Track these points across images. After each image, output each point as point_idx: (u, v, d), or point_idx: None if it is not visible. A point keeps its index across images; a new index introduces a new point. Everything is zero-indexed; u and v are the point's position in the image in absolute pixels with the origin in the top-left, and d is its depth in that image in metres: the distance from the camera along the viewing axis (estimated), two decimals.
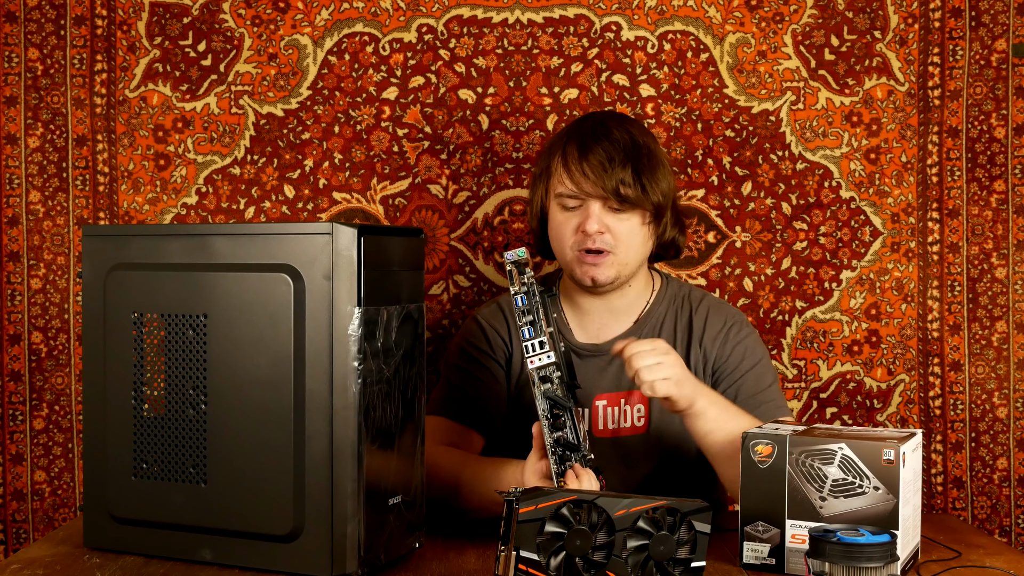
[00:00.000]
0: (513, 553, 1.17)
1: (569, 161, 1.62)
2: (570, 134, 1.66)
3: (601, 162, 1.59)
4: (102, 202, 2.03)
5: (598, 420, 1.70)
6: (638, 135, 1.65)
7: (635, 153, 1.61)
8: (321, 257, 1.25)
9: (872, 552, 1.16)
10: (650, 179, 1.61)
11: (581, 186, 1.61)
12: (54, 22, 2.01)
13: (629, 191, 1.59)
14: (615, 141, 1.61)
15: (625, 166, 1.59)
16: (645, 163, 1.61)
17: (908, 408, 2.03)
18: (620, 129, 1.64)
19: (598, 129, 1.65)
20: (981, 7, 2.00)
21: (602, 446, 1.68)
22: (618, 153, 1.60)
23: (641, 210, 1.62)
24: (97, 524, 1.40)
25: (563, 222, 1.65)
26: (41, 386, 2.03)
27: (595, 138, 1.62)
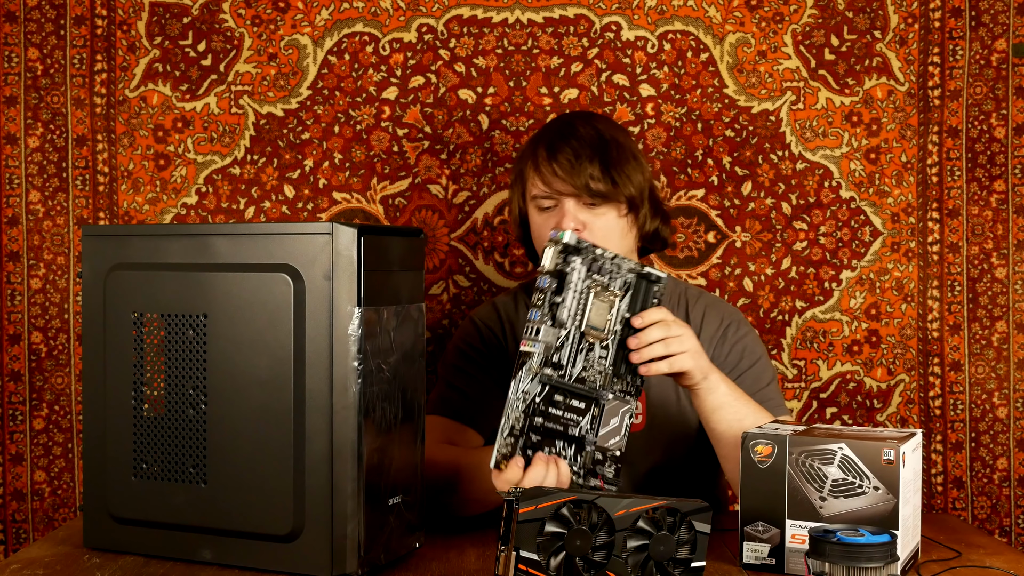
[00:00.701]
0: (513, 553, 1.17)
1: (539, 163, 1.64)
2: (539, 137, 1.69)
3: (569, 160, 1.61)
4: (102, 202, 2.03)
5: None
6: (604, 130, 1.67)
7: (602, 147, 1.63)
8: (321, 257, 1.25)
9: (872, 552, 1.16)
10: (619, 172, 1.62)
11: (553, 185, 1.62)
12: (54, 22, 2.01)
13: (600, 185, 1.60)
14: (581, 138, 1.63)
15: (593, 161, 1.61)
16: (613, 156, 1.63)
17: (908, 408, 2.03)
18: (586, 126, 1.66)
19: (564, 128, 1.67)
20: (981, 7, 2.00)
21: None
22: (584, 149, 1.62)
23: (615, 203, 1.63)
24: (97, 524, 1.40)
25: (542, 224, 1.66)
26: (41, 386, 2.03)
27: (562, 137, 1.64)
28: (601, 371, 1.38)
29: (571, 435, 1.38)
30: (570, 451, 1.38)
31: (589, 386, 1.38)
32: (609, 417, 1.39)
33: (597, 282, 1.38)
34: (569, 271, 1.36)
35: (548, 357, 1.36)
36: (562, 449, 1.37)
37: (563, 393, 1.37)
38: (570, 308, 1.37)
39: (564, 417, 1.37)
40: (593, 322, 1.37)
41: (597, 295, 1.38)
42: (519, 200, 1.72)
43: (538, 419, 1.36)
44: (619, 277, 1.39)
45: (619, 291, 1.39)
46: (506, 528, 1.18)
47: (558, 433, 1.37)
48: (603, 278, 1.38)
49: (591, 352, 1.38)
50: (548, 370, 1.36)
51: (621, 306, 1.39)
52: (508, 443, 1.35)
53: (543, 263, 1.36)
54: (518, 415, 1.35)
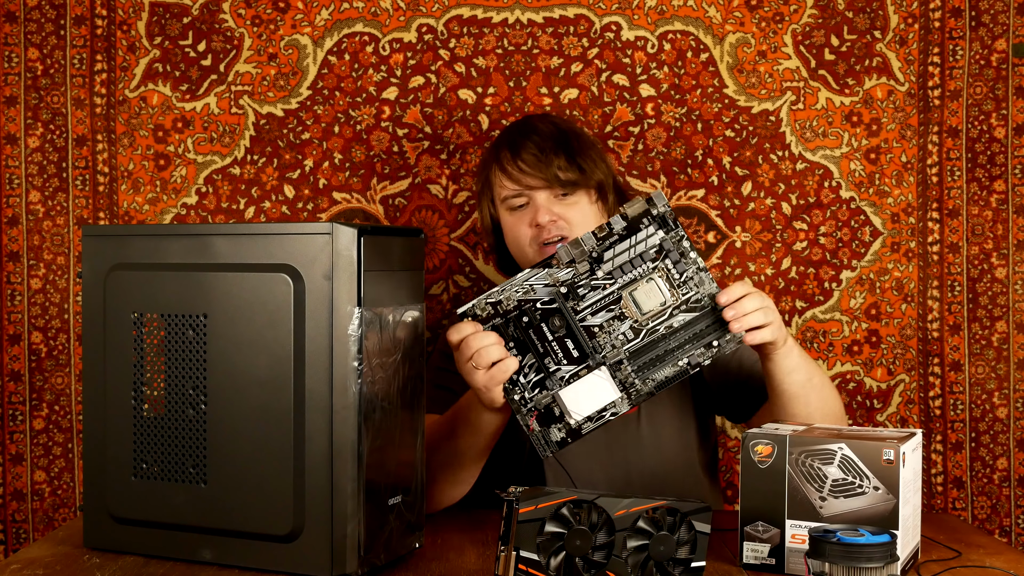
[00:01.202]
0: (513, 553, 1.17)
1: (505, 164, 1.67)
2: (498, 142, 1.72)
3: (534, 154, 1.64)
4: (102, 202, 2.03)
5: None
6: (562, 124, 1.72)
7: (564, 139, 1.67)
8: (321, 257, 1.25)
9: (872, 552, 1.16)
10: (585, 159, 1.65)
11: (522, 182, 1.65)
12: (54, 22, 2.01)
13: (569, 174, 1.63)
14: (542, 133, 1.67)
15: (558, 152, 1.64)
16: (576, 146, 1.67)
17: (908, 408, 2.03)
18: (544, 122, 1.71)
19: (523, 128, 1.71)
20: (981, 7, 2.00)
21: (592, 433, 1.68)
22: (548, 142, 1.66)
23: (586, 190, 1.67)
24: (97, 524, 1.40)
25: (515, 223, 1.69)
26: (41, 386, 2.03)
27: (523, 135, 1.68)
28: (614, 346, 1.34)
29: (545, 365, 1.34)
30: (533, 377, 1.34)
31: (594, 345, 1.34)
32: (587, 387, 1.35)
33: (667, 269, 1.34)
34: (642, 229, 1.33)
35: (573, 283, 1.32)
36: (527, 367, 1.33)
37: (566, 324, 1.33)
38: (617, 258, 1.33)
39: (551, 344, 1.34)
40: (638, 298, 1.34)
41: (659, 279, 1.34)
42: (489, 207, 1.74)
43: (526, 319, 1.32)
44: (693, 290, 1.35)
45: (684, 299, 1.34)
46: (506, 528, 1.18)
47: (536, 351, 1.33)
48: (676, 273, 1.34)
49: (618, 321, 1.34)
50: (566, 292, 1.32)
51: (676, 319, 1.34)
52: (487, 307, 1.32)
53: (628, 209, 1.34)
54: (512, 295, 1.32)
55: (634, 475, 1.67)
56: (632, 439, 1.69)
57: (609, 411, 1.35)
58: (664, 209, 1.34)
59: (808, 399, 1.51)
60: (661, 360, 1.35)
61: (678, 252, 1.34)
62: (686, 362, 1.35)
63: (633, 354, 1.34)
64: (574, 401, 1.34)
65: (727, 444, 2.05)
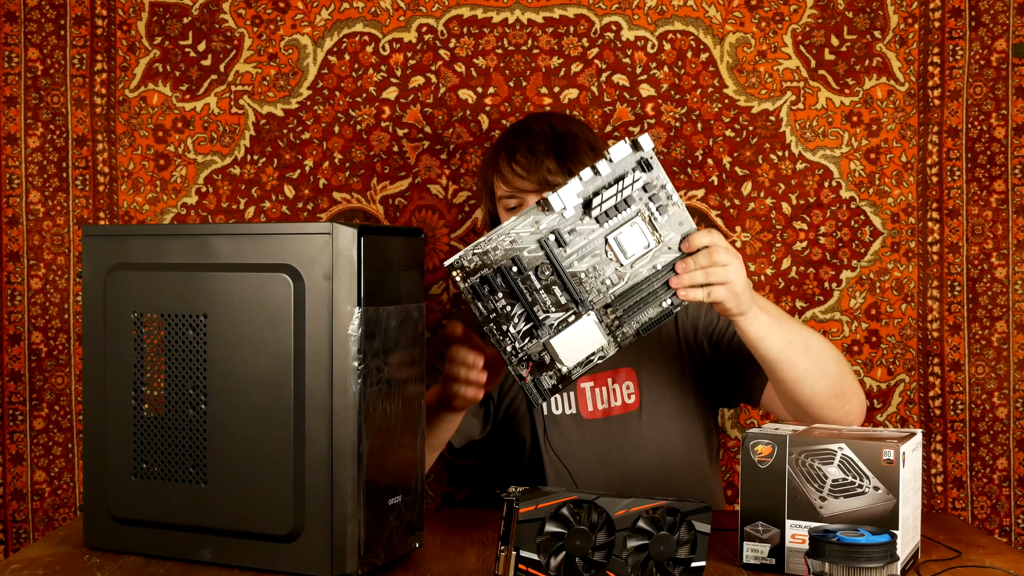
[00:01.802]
0: (513, 553, 1.17)
1: (500, 165, 1.67)
2: (498, 143, 1.72)
3: (525, 156, 1.64)
4: (102, 202, 2.03)
5: (586, 402, 1.71)
6: (559, 124, 1.70)
7: (556, 142, 1.66)
8: (321, 257, 1.25)
9: (872, 552, 1.16)
10: (576, 163, 1.64)
11: (514, 184, 1.65)
12: (54, 22, 2.01)
13: (558, 178, 1.62)
14: (535, 135, 1.67)
15: (548, 155, 1.64)
16: (569, 150, 1.65)
17: (908, 408, 2.03)
18: (540, 123, 1.70)
19: (520, 129, 1.71)
20: (981, 7, 2.00)
21: (594, 428, 1.68)
22: (540, 144, 1.65)
23: None
24: (97, 524, 1.40)
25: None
26: (41, 386, 2.03)
27: (518, 137, 1.68)
28: (600, 291, 1.34)
29: (534, 313, 1.33)
30: (523, 326, 1.33)
31: (581, 291, 1.33)
32: (577, 333, 1.34)
33: (650, 213, 1.34)
34: (627, 176, 1.32)
35: (559, 229, 1.31)
36: (516, 315, 1.32)
37: (554, 272, 1.32)
38: (604, 207, 1.32)
39: (539, 292, 1.33)
40: (622, 242, 1.34)
41: (640, 224, 1.34)
42: (488, 205, 1.75)
43: (515, 268, 1.31)
44: (675, 230, 1.35)
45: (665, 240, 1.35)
46: (506, 528, 1.18)
47: (524, 299, 1.32)
48: (658, 214, 1.34)
49: (603, 266, 1.34)
50: (552, 239, 1.32)
51: (659, 258, 1.35)
52: (473, 260, 1.31)
53: (612, 153, 1.32)
54: (499, 245, 1.31)
55: (636, 474, 1.68)
56: (634, 437, 1.69)
57: (597, 355, 1.35)
58: (649, 152, 1.33)
59: (793, 363, 1.48)
60: (645, 302, 1.35)
61: (661, 193, 1.34)
62: (669, 303, 1.36)
63: (618, 298, 1.34)
64: (565, 348, 1.33)
65: (727, 444, 2.05)
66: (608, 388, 1.71)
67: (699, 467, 1.73)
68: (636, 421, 1.69)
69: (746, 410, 2.05)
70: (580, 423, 1.70)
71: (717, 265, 1.35)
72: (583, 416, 1.70)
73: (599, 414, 1.70)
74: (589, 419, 1.70)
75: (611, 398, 1.71)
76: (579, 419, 1.70)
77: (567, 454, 1.67)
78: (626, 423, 1.69)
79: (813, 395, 1.51)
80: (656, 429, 1.70)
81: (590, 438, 1.69)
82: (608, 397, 1.71)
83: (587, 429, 1.70)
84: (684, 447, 1.71)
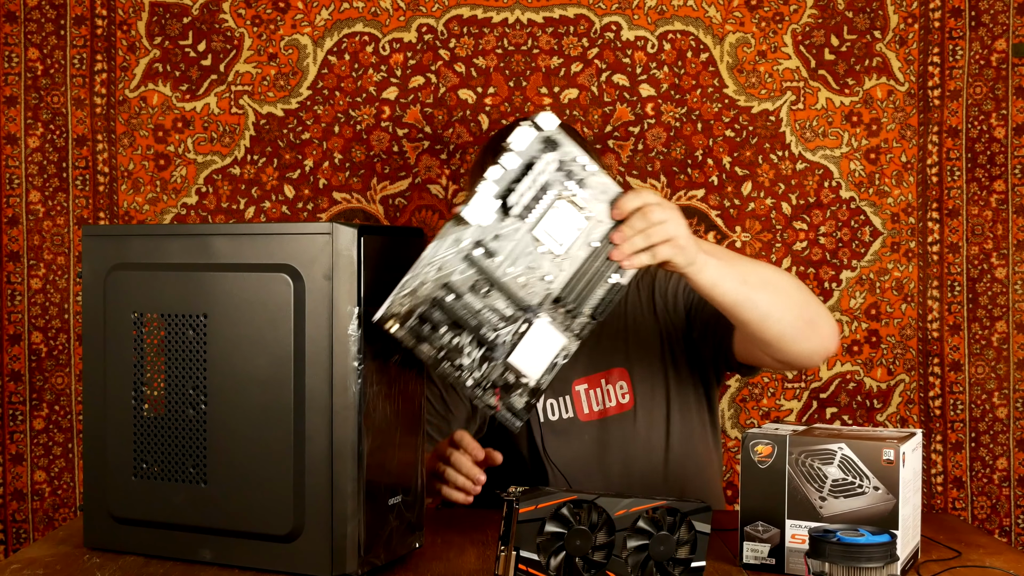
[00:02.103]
0: (513, 553, 1.17)
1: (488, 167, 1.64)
2: (487, 147, 1.70)
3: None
4: (102, 202, 2.03)
5: (582, 405, 1.70)
6: None
7: None
8: (321, 257, 1.25)
9: (872, 552, 1.16)
10: None
11: None
12: (54, 22, 2.01)
13: None
14: None
15: None
16: None
17: (908, 408, 2.03)
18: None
19: (506, 134, 1.66)
20: (981, 7, 2.00)
21: (591, 430, 1.68)
22: None
23: None
24: (97, 524, 1.40)
25: None
26: (41, 386, 2.03)
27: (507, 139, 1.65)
28: (545, 291, 1.24)
29: (484, 336, 1.23)
30: (476, 353, 1.23)
31: (524, 295, 1.24)
32: (533, 340, 1.25)
33: (570, 192, 1.24)
34: (537, 162, 1.23)
35: (483, 239, 1.22)
36: (467, 345, 1.23)
37: (491, 286, 1.23)
38: (523, 202, 1.23)
39: (482, 312, 1.23)
40: (551, 229, 1.24)
41: (563, 206, 1.24)
42: None
43: (450, 296, 1.22)
44: (600, 202, 1.25)
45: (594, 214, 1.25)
46: (506, 528, 1.18)
47: (468, 325, 1.23)
48: (581, 191, 1.24)
49: (539, 261, 1.24)
50: (480, 252, 1.22)
51: (594, 234, 1.25)
52: (404, 302, 1.21)
53: (513, 142, 1.23)
54: (426, 278, 1.21)
55: (636, 474, 1.67)
56: (631, 436, 1.68)
57: (561, 356, 1.26)
58: (548, 126, 1.23)
59: (754, 300, 1.39)
60: (592, 284, 1.26)
61: (576, 168, 1.24)
62: (617, 277, 1.26)
63: (564, 289, 1.25)
64: (526, 361, 1.25)
65: (727, 444, 2.05)
66: (602, 389, 1.70)
67: (698, 461, 1.71)
68: (631, 420, 1.69)
69: (746, 410, 2.05)
70: (577, 427, 1.69)
71: (654, 224, 1.25)
72: (579, 419, 1.70)
73: (595, 416, 1.70)
74: (586, 422, 1.69)
75: (606, 399, 1.70)
76: (576, 423, 1.69)
77: (566, 459, 1.67)
78: (622, 423, 1.69)
79: (782, 329, 1.44)
80: (652, 426, 1.69)
81: (588, 441, 1.69)
82: (603, 398, 1.70)
83: (584, 432, 1.69)
84: (682, 442, 1.70)
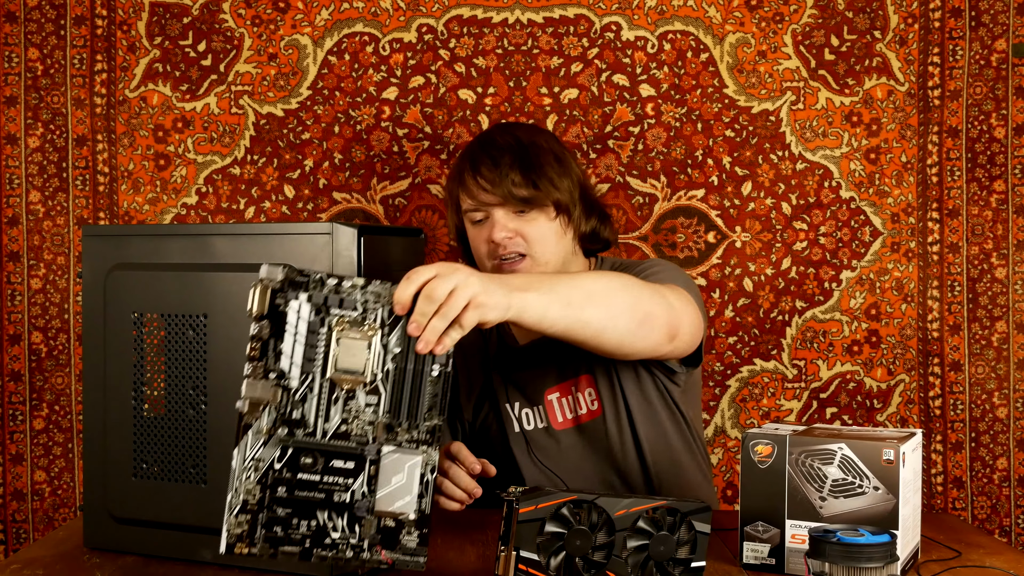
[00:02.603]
0: (513, 553, 1.17)
1: (465, 177, 1.64)
2: (463, 154, 1.69)
3: (489, 169, 1.61)
4: (102, 202, 2.03)
5: (555, 414, 1.69)
6: (524, 136, 1.66)
7: (521, 154, 1.62)
8: (321, 257, 1.25)
9: (872, 552, 1.16)
10: (540, 176, 1.61)
11: (479, 197, 1.62)
12: (54, 22, 2.01)
13: (522, 191, 1.60)
14: (499, 147, 1.63)
15: (513, 168, 1.61)
16: (534, 161, 1.62)
17: (908, 408, 2.03)
18: (504, 135, 1.66)
19: (484, 141, 1.67)
20: (981, 7, 2.00)
21: (568, 438, 1.67)
22: (504, 157, 1.62)
23: (542, 208, 1.62)
24: (97, 524, 1.40)
25: (475, 236, 1.66)
26: (41, 386, 2.03)
27: (482, 149, 1.65)
28: (372, 422, 1.15)
29: (338, 503, 1.15)
30: (341, 521, 1.15)
31: (355, 441, 1.14)
32: (390, 475, 1.15)
33: (344, 317, 1.14)
34: (288, 311, 1.14)
35: (284, 414, 1.14)
36: (327, 520, 1.14)
37: (315, 454, 1.14)
38: (295, 355, 1.14)
39: (323, 483, 1.15)
40: (345, 365, 1.14)
41: (345, 332, 1.14)
42: (454, 217, 1.71)
43: (281, 489, 1.14)
44: (378, 308, 1.15)
45: (379, 325, 1.14)
46: (506, 528, 1.18)
47: (317, 502, 1.14)
48: (353, 312, 1.14)
49: (352, 401, 1.15)
50: (285, 430, 1.14)
51: (390, 341, 1.15)
52: (241, 522, 1.14)
53: (250, 307, 1.13)
54: (251, 487, 1.14)
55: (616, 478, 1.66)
56: (605, 442, 1.66)
57: (428, 471, 1.17)
58: (283, 276, 1.14)
59: (584, 320, 1.31)
60: (417, 389, 1.16)
61: (329, 293, 1.14)
62: (438, 369, 1.16)
63: (391, 412, 1.16)
64: (393, 501, 1.16)
65: (727, 444, 2.05)
66: (573, 396, 1.68)
67: (676, 459, 1.70)
68: (603, 426, 1.67)
69: (746, 410, 2.05)
70: (553, 435, 1.68)
71: (442, 300, 1.13)
72: (554, 428, 1.68)
73: (569, 423, 1.68)
74: (561, 430, 1.68)
75: (577, 406, 1.68)
76: (551, 431, 1.68)
77: (547, 468, 1.66)
78: (595, 429, 1.67)
79: (620, 337, 1.37)
80: (621, 430, 1.67)
81: (565, 448, 1.68)
82: (574, 405, 1.68)
83: (561, 440, 1.68)
84: (654, 441, 1.67)
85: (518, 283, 1.24)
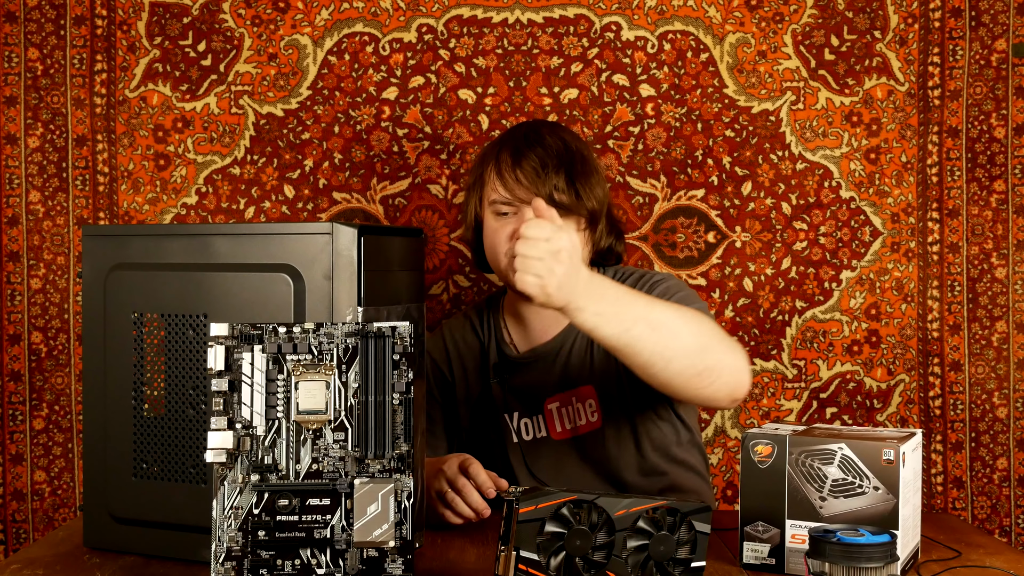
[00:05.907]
0: (513, 553, 1.17)
1: (503, 168, 1.60)
2: (503, 142, 1.64)
3: (535, 168, 1.57)
4: (102, 202, 2.03)
5: (555, 423, 1.68)
6: (571, 141, 1.63)
7: (569, 159, 1.59)
8: (321, 257, 1.25)
9: (872, 552, 1.16)
10: (584, 184, 1.58)
11: (515, 192, 1.58)
12: (54, 22, 2.01)
13: (563, 197, 1.57)
14: (548, 147, 1.60)
15: (559, 172, 1.57)
16: (579, 169, 1.59)
17: (908, 408, 2.03)
18: (553, 135, 1.63)
19: (531, 136, 1.63)
20: (981, 7, 2.00)
21: (565, 448, 1.66)
22: (552, 159, 1.58)
23: (576, 216, 1.59)
24: (97, 524, 1.40)
25: (497, 229, 1.61)
26: (41, 386, 2.03)
27: (528, 144, 1.60)
28: (342, 457, 1.16)
29: (319, 539, 1.17)
30: (325, 557, 1.16)
31: (328, 478, 1.17)
32: (364, 505, 1.17)
33: (300, 361, 1.16)
34: (240, 364, 1.16)
35: (256, 461, 1.16)
36: (311, 558, 1.16)
37: (290, 496, 1.16)
38: (255, 405, 1.16)
39: (302, 522, 1.17)
40: (307, 406, 1.16)
41: (303, 375, 1.16)
42: (476, 204, 1.67)
43: (262, 532, 1.16)
44: (332, 348, 1.17)
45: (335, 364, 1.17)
46: (506, 528, 1.18)
47: (299, 541, 1.16)
48: (308, 356, 1.16)
49: (320, 439, 1.17)
50: (258, 476, 1.16)
51: (348, 378, 1.17)
52: (228, 569, 1.15)
53: (209, 365, 1.16)
54: (232, 535, 1.16)
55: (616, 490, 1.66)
56: (602, 455, 1.65)
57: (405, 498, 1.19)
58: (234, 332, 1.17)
59: (636, 348, 1.34)
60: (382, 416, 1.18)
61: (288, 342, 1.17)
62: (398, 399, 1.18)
63: (359, 444, 1.17)
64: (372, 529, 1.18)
65: (727, 444, 2.05)
66: (573, 407, 1.67)
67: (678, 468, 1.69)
68: (601, 439, 1.66)
69: (746, 410, 2.05)
70: (550, 445, 1.67)
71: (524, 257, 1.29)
72: (552, 438, 1.68)
73: (566, 434, 1.67)
74: (558, 440, 1.68)
75: (576, 417, 1.67)
76: (549, 441, 1.67)
77: (542, 478, 1.66)
78: (593, 441, 1.66)
79: (669, 377, 1.38)
80: (621, 445, 1.66)
81: (562, 459, 1.67)
82: (574, 416, 1.67)
83: (558, 450, 1.67)
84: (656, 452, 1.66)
85: (597, 290, 1.32)
